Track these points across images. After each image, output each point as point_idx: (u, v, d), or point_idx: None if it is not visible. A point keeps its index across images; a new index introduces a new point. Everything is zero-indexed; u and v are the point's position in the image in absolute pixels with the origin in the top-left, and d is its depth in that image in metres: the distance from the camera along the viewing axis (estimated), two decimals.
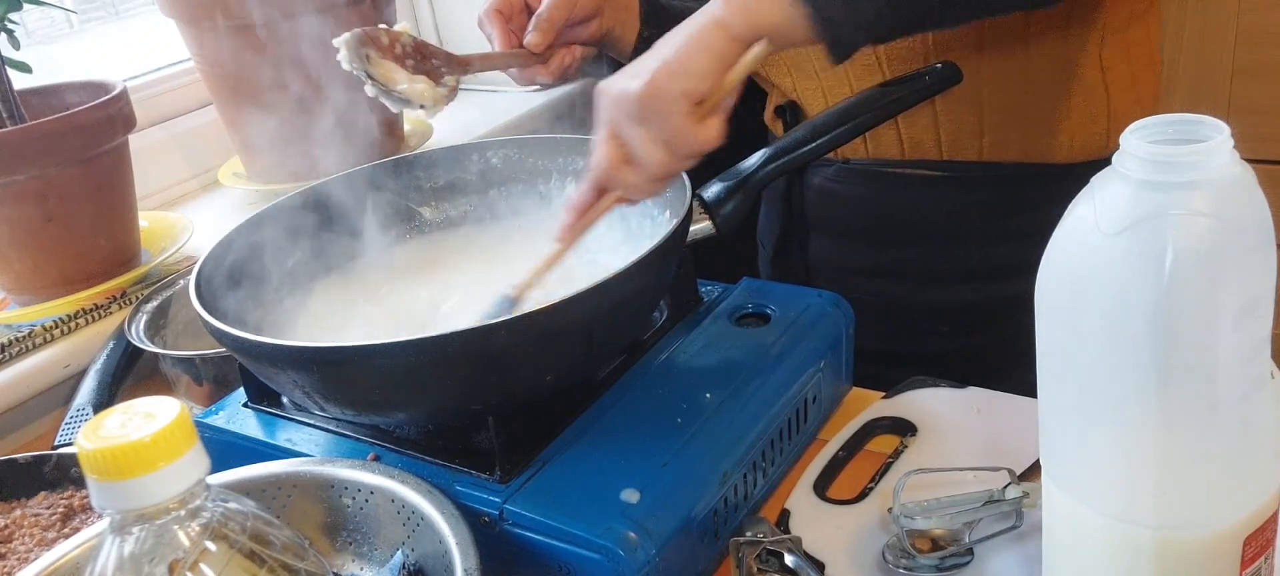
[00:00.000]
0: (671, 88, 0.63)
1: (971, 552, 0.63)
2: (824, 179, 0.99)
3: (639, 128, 0.65)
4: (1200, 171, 0.42)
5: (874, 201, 0.97)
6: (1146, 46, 0.92)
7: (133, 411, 0.43)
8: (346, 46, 0.76)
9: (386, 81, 0.77)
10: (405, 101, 0.77)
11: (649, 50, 0.67)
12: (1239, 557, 0.48)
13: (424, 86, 0.77)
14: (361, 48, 0.76)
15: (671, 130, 0.64)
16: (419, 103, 0.77)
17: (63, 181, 1.01)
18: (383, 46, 0.78)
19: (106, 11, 1.55)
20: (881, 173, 0.96)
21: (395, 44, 0.79)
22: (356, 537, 0.64)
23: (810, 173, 1.01)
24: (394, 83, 0.77)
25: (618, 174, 0.67)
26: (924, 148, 0.92)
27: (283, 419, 0.75)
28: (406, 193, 0.90)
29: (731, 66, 0.65)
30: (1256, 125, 1.79)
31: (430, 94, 0.77)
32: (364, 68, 0.76)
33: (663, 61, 0.63)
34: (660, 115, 0.63)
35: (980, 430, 0.74)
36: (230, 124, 1.28)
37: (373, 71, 0.76)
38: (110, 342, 0.98)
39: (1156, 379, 0.44)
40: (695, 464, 0.65)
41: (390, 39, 0.78)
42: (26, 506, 0.75)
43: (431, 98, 0.77)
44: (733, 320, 0.79)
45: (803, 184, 1.02)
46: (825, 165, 0.99)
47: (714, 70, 0.64)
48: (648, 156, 0.65)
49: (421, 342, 0.60)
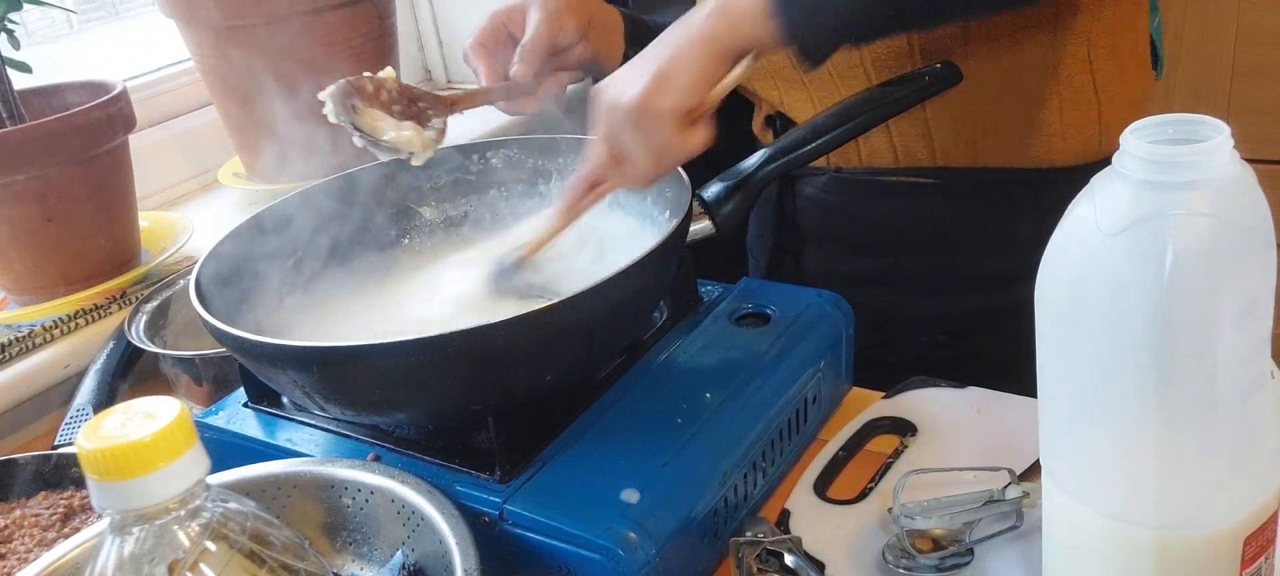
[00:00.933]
0: (663, 103, 0.66)
1: (971, 552, 0.63)
2: (816, 188, 0.99)
3: (631, 136, 0.68)
4: (1200, 171, 0.42)
5: (867, 210, 0.97)
6: (1136, 49, 0.92)
7: (133, 411, 0.43)
8: (332, 99, 0.76)
9: (373, 132, 0.77)
10: (394, 150, 0.78)
11: (641, 55, 0.69)
12: (1239, 557, 0.48)
13: (411, 133, 0.78)
14: (347, 99, 0.77)
15: (661, 142, 0.68)
16: (407, 150, 0.78)
17: (63, 181, 1.01)
18: (368, 94, 0.78)
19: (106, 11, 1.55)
20: (874, 181, 0.95)
21: (381, 90, 0.79)
22: (356, 537, 0.64)
23: (802, 182, 1.01)
24: (381, 133, 0.77)
25: (611, 173, 0.72)
26: (916, 154, 0.92)
27: (283, 419, 0.75)
28: (407, 192, 0.90)
29: (719, 80, 0.68)
30: (1256, 125, 1.79)
31: (418, 140, 0.78)
32: (350, 119, 0.76)
33: (654, 77, 0.66)
34: (651, 128, 0.67)
35: (980, 430, 0.74)
36: (230, 124, 1.28)
37: (359, 122, 0.77)
38: (110, 342, 0.98)
39: (1156, 379, 0.44)
40: (695, 464, 0.65)
41: (375, 86, 0.79)
42: (26, 506, 0.75)
43: (419, 144, 0.78)
44: (733, 320, 0.79)
45: (795, 194, 1.02)
46: (817, 174, 0.99)
47: (703, 84, 0.67)
48: (638, 163, 0.69)
49: (421, 342, 0.60)
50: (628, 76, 0.68)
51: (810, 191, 1.00)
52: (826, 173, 0.98)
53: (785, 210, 1.03)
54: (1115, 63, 0.89)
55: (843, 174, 0.97)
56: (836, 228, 1.00)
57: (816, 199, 1.00)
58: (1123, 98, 0.90)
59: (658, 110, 0.66)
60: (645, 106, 0.66)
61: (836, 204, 0.98)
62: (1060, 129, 0.89)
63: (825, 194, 0.99)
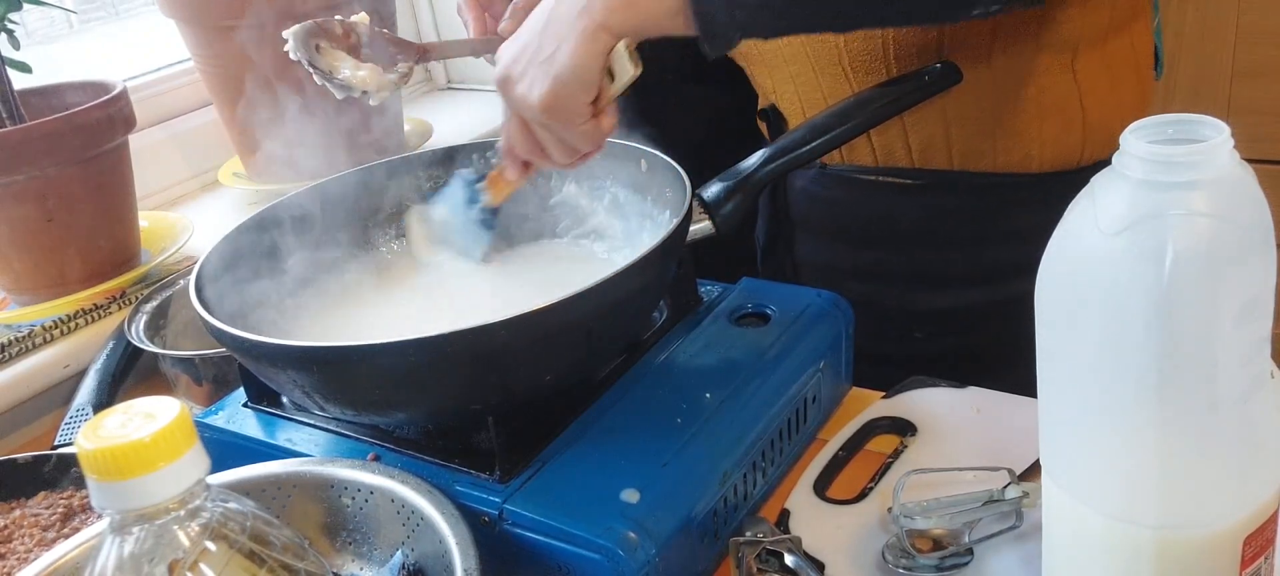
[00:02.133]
0: (570, 101, 0.68)
1: (971, 552, 0.63)
2: (806, 182, 1.00)
3: (544, 131, 0.71)
4: (1200, 171, 0.42)
5: (852, 205, 0.97)
6: (1131, 56, 0.90)
7: (133, 411, 0.43)
8: (294, 37, 0.76)
9: (330, 71, 0.77)
10: (348, 88, 0.78)
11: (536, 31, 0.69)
12: (1239, 557, 0.48)
13: (367, 73, 0.78)
14: (311, 38, 0.76)
15: (575, 135, 0.70)
16: (361, 88, 0.78)
17: (63, 181, 1.01)
18: (336, 37, 0.78)
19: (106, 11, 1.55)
20: (856, 179, 0.95)
21: (350, 34, 0.79)
22: (356, 537, 0.64)
23: (793, 175, 1.01)
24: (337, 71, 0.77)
25: (534, 156, 0.75)
26: (895, 156, 0.92)
27: (283, 419, 0.75)
28: (407, 192, 0.90)
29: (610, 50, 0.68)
30: (1256, 125, 1.79)
31: (374, 80, 0.78)
32: (309, 57, 0.76)
33: (556, 76, 0.67)
34: (563, 124, 0.69)
35: (980, 430, 0.74)
36: (230, 124, 1.28)
37: (318, 61, 0.77)
38: (110, 342, 0.98)
39: (1156, 379, 0.44)
40: (695, 464, 0.65)
41: (345, 29, 0.78)
42: (26, 506, 0.75)
43: (375, 84, 0.78)
44: (732, 320, 0.79)
45: (786, 186, 1.02)
46: (805, 168, 0.99)
47: (597, 65, 0.68)
48: (556, 152, 0.72)
49: (421, 342, 0.60)
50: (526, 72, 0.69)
51: (801, 184, 1.00)
52: (814, 167, 0.98)
53: (778, 201, 1.03)
54: (1107, 72, 0.87)
55: (828, 170, 0.97)
56: (824, 220, 1.00)
57: (806, 190, 1.00)
58: (1113, 106, 0.89)
59: (568, 108, 0.68)
60: (554, 104, 0.68)
61: (823, 197, 0.99)
62: (1038, 137, 0.88)
63: (814, 187, 0.99)
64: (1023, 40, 0.84)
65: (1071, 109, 0.87)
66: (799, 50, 0.90)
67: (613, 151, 0.82)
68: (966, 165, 0.90)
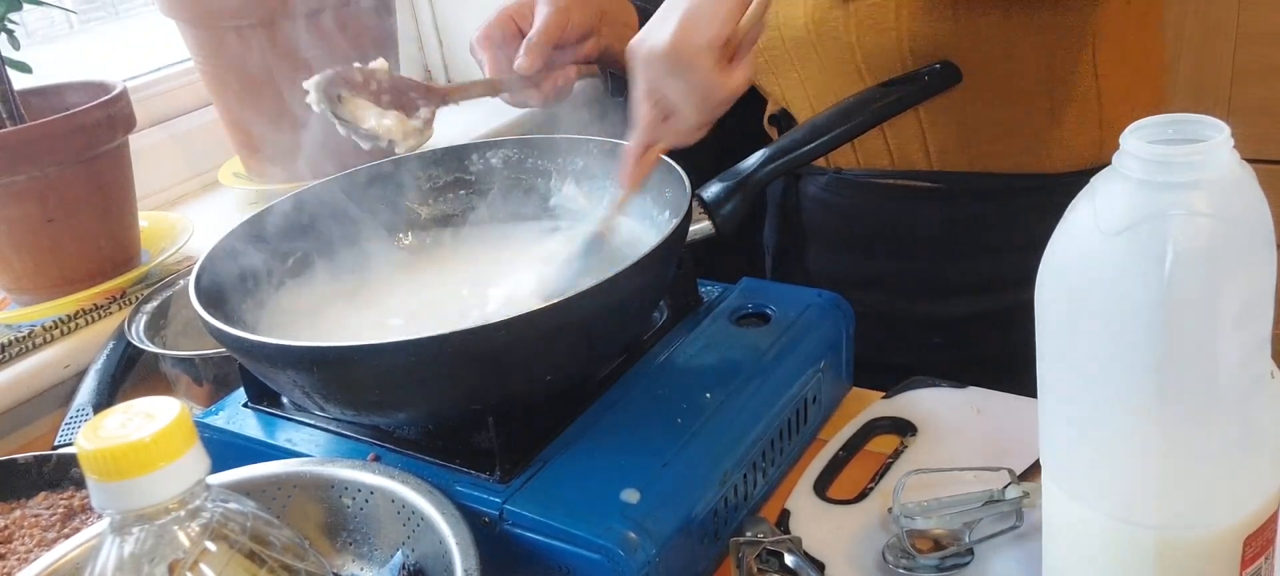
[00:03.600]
0: (697, 39, 0.66)
1: (971, 552, 0.63)
2: (818, 188, 0.99)
3: (673, 82, 0.68)
4: (1200, 171, 0.42)
5: (867, 212, 0.96)
6: (1146, 53, 0.90)
7: (133, 411, 0.43)
8: (315, 88, 0.76)
9: (355, 120, 0.77)
10: (374, 138, 0.78)
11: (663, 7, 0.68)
12: (1239, 557, 0.48)
13: (393, 122, 0.78)
14: (332, 88, 0.76)
15: (703, 82, 0.67)
16: (388, 138, 0.78)
17: (63, 181, 1.01)
18: (356, 84, 0.78)
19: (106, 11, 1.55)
20: (873, 184, 0.95)
21: (370, 81, 0.79)
22: (356, 538, 0.64)
23: (806, 181, 1.00)
24: (362, 121, 0.77)
25: (660, 129, 0.71)
26: (912, 159, 0.92)
27: (283, 419, 0.75)
28: (407, 192, 0.90)
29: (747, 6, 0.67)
30: (1256, 125, 1.79)
31: (399, 129, 0.78)
32: (332, 108, 0.76)
33: (684, 14, 0.66)
34: (691, 68, 0.67)
35: (980, 430, 0.74)
36: (230, 124, 1.28)
37: (342, 111, 0.77)
38: (110, 342, 0.98)
39: (1156, 379, 0.44)
40: (695, 464, 0.65)
41: (364, 77, 0.79)
42: (26, 506, 0.75)
43: (401, 132, 0.78)
44: (732, 320, 0.79)
45: (799, 192, 1.01)
46: (819, 174, 0.99)
47: (734, 13, 0.67)
48: (684, 109, 0.69)
49: (421, 342, 0.60)
50: (658, 24, 0.67)
51: (813, 191, 1.00)
52: (827, 173, 0.98)
53: (789, 208, 1.03)
54: (1124, 68, 0.87)
55: (843, 175, 0.97)
56: (837, 228, 0.99)
57: (819, 198, 0.99)
58: (1128, 104, 0.89)
59: (693, 48, 0.66)
60: (679, 46, 0.66)
61: (837, 204, 0.98)
62: (1059, 136, 0.88)
63: (826, 194, 0.99)
64: (1041, 32, 0.84)
65: (1090, 106, 0.87)
66: (809, 52, 0.90)
67: (613, 151, 0.82)
68: (984, 166, 0.90)
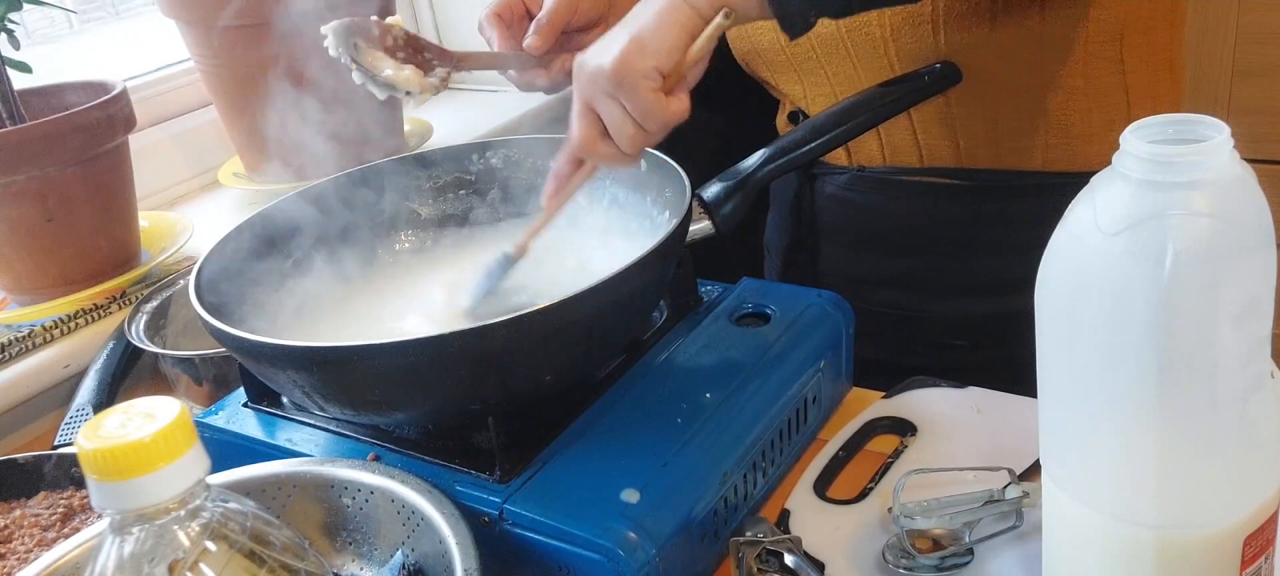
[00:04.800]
0: (641, 64, 0.66)
1: (971, 552, 0.63)
2: (837, 187, 0.98)
3: (612, 103, 0.68)
4: (1200, 171, 0.42)
5: (888, 210, 0.96)
6: (1170, 50, 0.89)
7: (133, 411, 0.43)
8: (334, 33, 0.76)
9: (372, 69, 0.77)
10: (391, 88, 0.77)
11: (619, 23, 0.69)
12: (1239, 557, 0.48)
13: (411, 73, 0.77)
14: (351, 36, 0.76)
15: (642, 106, 0.67)
16: (406, 89, 0.77)
17: (63, 181, 1.01)
18: (373, 38, 0.78)
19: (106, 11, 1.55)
20: (899, 181, 0.94)
21: (387, 36, 0.79)
22: (356, 537, 0.64)
23: (822, 180, 1.00)
24: (379, 70, 0.77)
25: (594, 147, 0.71)
26: (941, 155, 0.91)
27: (283, 419, 0.75)
28: (406, 192, 0.90)
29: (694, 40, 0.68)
30: (1256, 125, 1.79)
31: (417, 82, 0.77)
32: (351, 55, 0.76)
33: (632, 38, 0.66)
34: (631, 91, 0.67)
35: (980, 430, 0.74)
36: (230, 124, 1.28)
37: (360, 58, 0.76)
38: (110, 342, 0.98)
39: (1156, 379, 0.44)
40: (695, 464, 0.65)
41: (382, 31, 0.78)
42: (26, 506, 0.75)
43: (418, 85, 0.77)
44: (733, 320, 0.79)
45: (814, 191, 1.01)
46: (838, 172, 0.98)
47: (681, 45, 0.67)
48: (620, 130, 0.69)
49: (421, 342, 0.60)
50: (605, 43, 0.68)
51: (831, 189, 0.99)
52: (849, 171, 0.97)
53: (803, 208, 1.02)
54: (1150, 63, 0.87)
55: (866, 173, 0.96)
56: (856, 227, 0.99)
57: (837, 197, 0.99)
58: (1154, 101, 0.88)
59: (638, 71, 0.66)
60: (623, 68, 0.66)
61: (857, 202, 0.98)
62: (1088, 133, 0.87)
63: (846, 192, 0.98)
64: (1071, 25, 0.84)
65: (1117, 101, 0.87)
66: (840, 50, 0.90)
67: None
68: (1012, 163, 0.89)
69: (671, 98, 0.68)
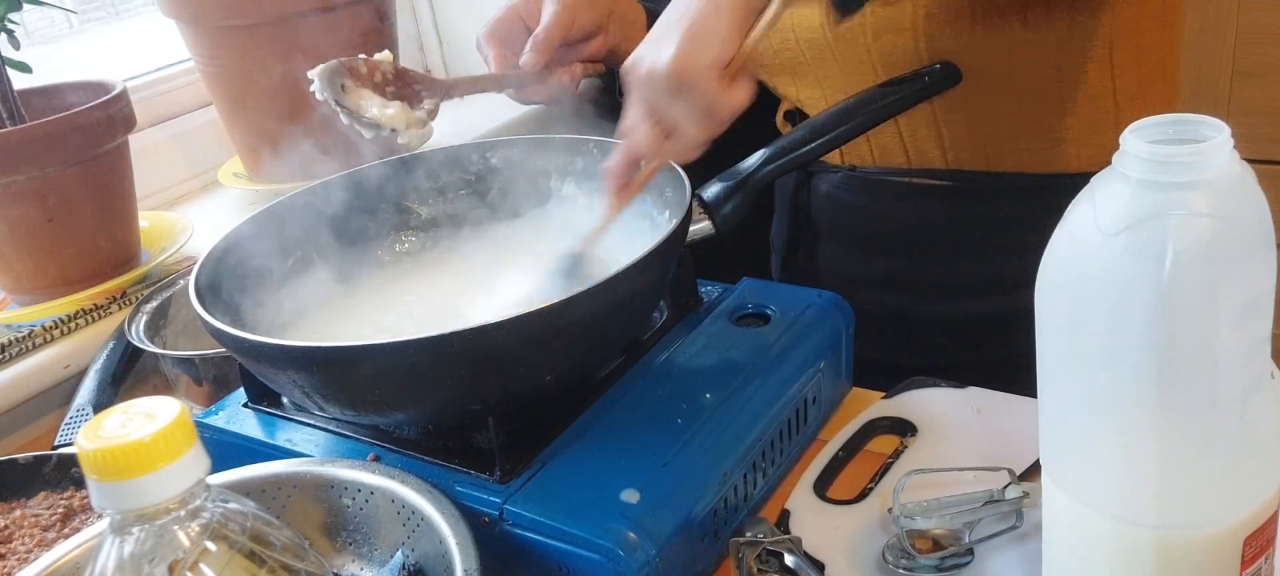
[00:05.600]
0: (700, 60, 0.64)
1: (971, 552, 0.63)
2: (831, 186, 0.98)
3: (675, 103, 0.66)
4: (1200, 171, 0.42)
5: (880, 210, 0.96)
6: (1161, 51, 0.89)
7: (133, 411, 0.43)
8: (319, 77, 0.76)
9: (358, 111, 0.77)
10: (376, 127, 0.77)
11: (663, 20, 0.67)
12: (1239, 557, 0.48)
13: (396, 111, 0.78)
14: (336, 78, 0.76)
15: (706, 101, 0.65)
16: (391, 127, 0.77)
17: (63, 181, 1.01)
18: (361, 75, 0.78)
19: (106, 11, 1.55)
20: (887, 182, 0.94)
21: (374, 72, 0.79)
22: (356, 538, 0.64)
23: (818, 179, 1.00)
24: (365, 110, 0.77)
25: (658, 150, 0.70)
26: (929, 157, 0.91)
27: (283, 419, 0.75)
28: (406, 192, 0.90)
29: (752, 27, 0.66)
30: (1256, 125, 1.79)
31: (402, 118, 0.78)
32: (336, 97, 0.76)
33: (685, 33, 0.64)
34: (694, 89, 0.65)
35: (980, 430, 0.74)
36: (230, 124, 1.28)
37: (345, 100, 0.76)
38: (110, 342, 0.98)
39: (1156, 379, 0.44)
40: (695, 464, 0.65)
41: (369, 68, 0.78)
42: (26, 506, 0.75)
43: (404, 122, 0.78)
44: (733, 320, 0.79)
45: (810, 189, 1.01)
46: (832, 171, 0.98)
47: (736, 33, 0.65)
48: (687, 130, 0.67)
49: (421, 342, 0.60)
50: (657, 43, 0.66)
51: (826, 188, 0.99)
52: (841, 170, 0.97)
53: (800, 205, 1.02)
54: (1139, 68, 0.87)
55: (857, 172, 0.96)
56: (849, 226, 0.99)
57: (832, 196, 0.99)
58: (1144, 103, 0.88)
59: (697, 69, 0.64)
60: (683, 68, 0.64)
61: (850, 202, 0.98)
62: (1076, 135, 0.87)
63: (839, 191, 0.98)
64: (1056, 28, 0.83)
65: (1105, 104, 0.86)
66: (825, 54, 0.90)
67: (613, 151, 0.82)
68: (1000, 166, 0.89)
69: (735, 87, 0.66)
